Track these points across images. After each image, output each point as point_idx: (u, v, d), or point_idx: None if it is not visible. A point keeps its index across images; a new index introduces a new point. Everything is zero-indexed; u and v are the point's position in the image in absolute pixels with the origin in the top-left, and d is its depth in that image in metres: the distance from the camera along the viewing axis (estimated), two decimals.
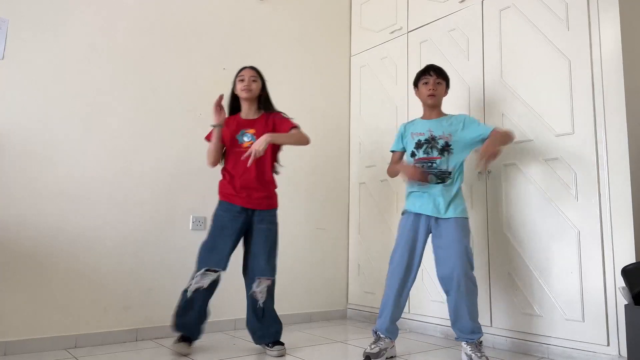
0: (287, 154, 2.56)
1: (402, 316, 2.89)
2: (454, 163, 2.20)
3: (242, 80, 2.32)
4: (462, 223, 2.15)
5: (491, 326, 2.44)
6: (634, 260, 1.98)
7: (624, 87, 2.09)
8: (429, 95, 2.28)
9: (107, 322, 2.37)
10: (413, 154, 2.27)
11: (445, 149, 2.21)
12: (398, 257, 2.18)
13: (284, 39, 3.26)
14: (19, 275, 2.17)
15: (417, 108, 2.94)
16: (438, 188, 2.17)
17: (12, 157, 2.21)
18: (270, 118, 2.33)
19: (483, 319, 2.48)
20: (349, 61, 3.59)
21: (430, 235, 2.21)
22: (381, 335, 2.16)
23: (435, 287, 2.73)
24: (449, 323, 2.64)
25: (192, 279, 2.19)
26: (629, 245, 2.02)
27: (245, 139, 2.28)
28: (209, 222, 2.74)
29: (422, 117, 2.36)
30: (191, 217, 2.70)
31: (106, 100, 2.51)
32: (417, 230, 2.19)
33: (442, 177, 2.18)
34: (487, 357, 2.03)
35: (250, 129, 2.30)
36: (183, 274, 2.62)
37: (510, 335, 2.37)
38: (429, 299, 2.77)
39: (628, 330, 1.76)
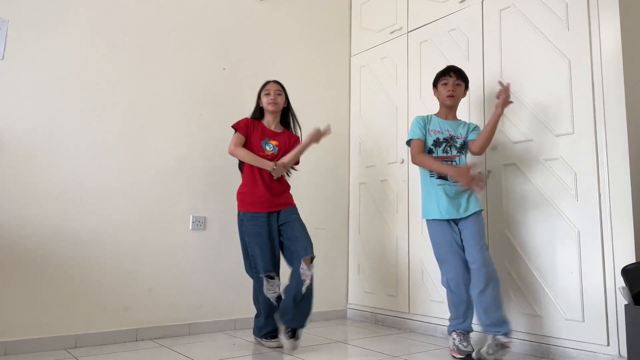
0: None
1: (402, 316, 2.91)
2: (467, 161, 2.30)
3: (267, 94, 2.47)
4: (481, 215, 2.26)
5: None
6: (634, 260, 1.98)
7: (624, 87, 2.09)
8: (448, 96, 2.31)
9: (107, 322, 2.37)
10: (430, 151, 2.31)
11: (463, 147, 2.31)
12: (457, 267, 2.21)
13: (284, 39, 3.26)
14: (19, 275, 2.17)
15: (417, 108, 2.96)
16: (459, 187, 2.22)
17: (12, 157, 2.21)
18: (292, 138, 2.54)
19: None
20: (349, 61, 3.59)
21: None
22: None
23: (436, 287, 2.73)
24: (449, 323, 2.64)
25: (261, 288, 2.33)
26: (629, 245, 2.02)
27: (268, 147, 2.45)
28: (209, 222, 2.76)
29: (437, 115, 2.39)
30: (191, 217, 2.70)
31: (106, 100, 2.51)
32: (453, 234, 2.24)
33: None
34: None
35: (273, 141, 2.48)
36: (183, 274, 2.63)
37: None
38: (429, 299, 2.77)
39: (628, 330, 1.76)
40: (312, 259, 2.30)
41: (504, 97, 2.20)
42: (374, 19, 3.41)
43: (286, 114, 2.57)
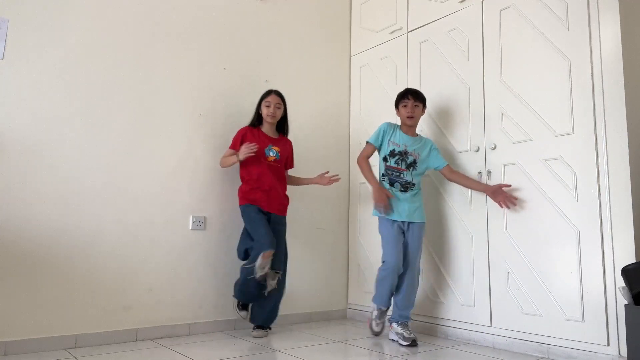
0: None
1: None
2: (417, 178, 2.60)
3: (268, 107, 2.64)
4: (423, 227, 2.62)
5: (491, 326, 2.44)
6: (634, 260, 1.98)
7: (624, 87, 2.09)
8: (408, 117, 2.60)
9: (107, 322, 2.37)
10: (385, 159, 2.61)
11: (412, 165, 2.58)
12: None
13: (284, 39, 3.26)
14: (19, 275, 2.17)
15: None
16: (406, 196, 2.55)
17: (12, 157, 2.21)
18: (287, 143, 2.77)
19: (483, 319, 2.48)
20: (349, 61, 3.59)
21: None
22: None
23: (434, 287, 2.73)
24: (449, 323, 2.65)
25: (253, 265, 2.42)
26: (629, 245, 2.02)
27: (271, 154, 2.64)
28: (209, 222, 2.76)
29: (401, 128, 2.66)
30: (191, 217, 2.70)
31: (106, 100, 2.50)
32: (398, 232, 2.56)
33: (406, 186, 2.55)
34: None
35: (275, 147, 2.67)
36: (183, 274, 2.63)
37: (510, 335, 2.37)
38: (429, 299, 2.77)
39: (628, 330, 1.76)
40: (278, 273, 2.55)
41: (502, 200, 2.41)
42: (374, 19, 3.41)
43: (282, 122, 2.76)
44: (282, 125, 2.77)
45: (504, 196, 2.39)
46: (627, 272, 1.84)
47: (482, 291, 2.50)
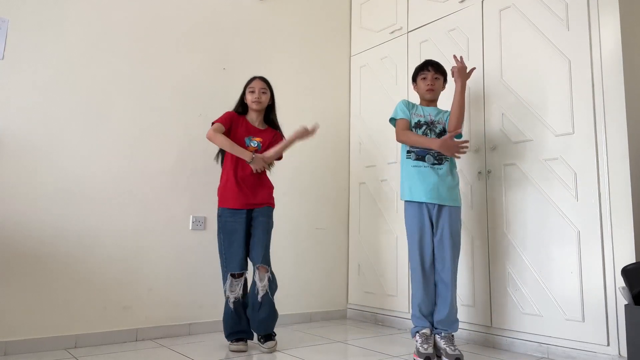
0: (287, 154, 2.56)
1: (402, 316, 2.90)
2: None
3: (252, 92, 2.43)
4: (459, 212, 2.28)
5: (491, 326, 2.44)
6: (634, 260, 1.98)
7: (624, 87, 2.09)
8: (428, 90, 2.34)
9: (107, 322, 2.37)
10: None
11: (442, 133, 2.29)
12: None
13: (284, 39, 3.26)
14: (19, 275, 2.17)
15: None
16: (443, 170, 2.24)
17: (13, 156, 2.21)
18: (275, 136, 2.49)
19: (483, 319, 2.48)
20: (349, 61, 3.59)
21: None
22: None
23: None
24: None
25: (225, 285, 2.30)
26: (629, 245, 2.02)
27: (253, 144, 2.40)
28: (209, 222, 2.75)
29: (420, 104, 2.42)
30: (191, 217, 2.70)
31: (106, 100, 2.50)
32: (424, 219, 2.23)
33: (440, 158, 2.25)
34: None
35: (257, 137, 2.43)
36: (183, 274, 2.63)
37: (510, 335, 2.37)
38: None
39: (628, 330, 1.76)
40: (266, 268, 2.27)
41: (457, 67, 2.24)
42: (374, 19, 3.41)
43: (270, 112, 2.51)
44: (270, 116, 2.51)
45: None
46: (627, 272, 1.84)
47: (482, 291, 2.50)
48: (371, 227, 3.21)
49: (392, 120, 2.38)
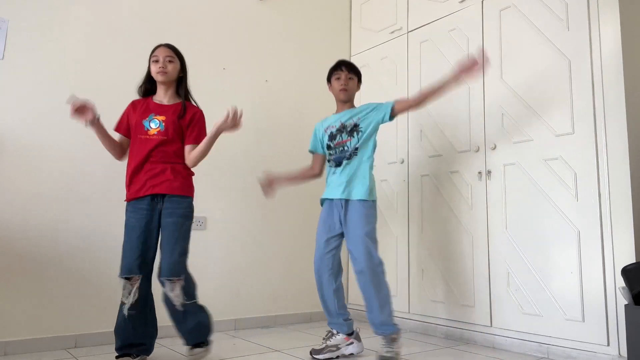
0: (287, 154, 2.57)
1: (402, 316, 2.90)
2: (367, 143, 2.26)
3: (156, 62, 2.05)
4: (367, 205, 2.23)
5: (491, 326, 2.44)
6: (634, 260, 1.98)
7: (624, 87, 2.09)
8: (341, 90, 2.31)
9: (107, 322, 2.36)
10: (329, 147, 2.33)
11: (355, 129, 2.26)
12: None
13: (284, 39, 3.26)
14: (19, 275, 2.17)
15: None
16: (350, 166, 2.24)
17: (12, 157, 2.22)
18: (189, 111, 2.09)
19: (483, 319, 2.48)
20: None
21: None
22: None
23: (435, 287, 2.73)
24: (449, 323, 2.65)
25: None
26: (629, 245, 2.02)
27: (153, 125, 2.01)
28: (208, 222, 2.75)
29: (334, 113, 2.39)
30: None
31: (106, 100, 2.50)
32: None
33: (350, 156, 2.24)
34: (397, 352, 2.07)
35: (160, 116, 2.03)
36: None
37: (510, 335, 2.37)
38: (428, 299, 2.77)
39: (628, 330, 1.76)
40: (173, 282, 1.92)
41: (468, 64, 2.10)
42: (374, 19, 3.41)
43: (185, 88, 2.13)
44: (183, 90, 2.13)
45: (468, 69, 2.10)
46: (627, 272, 1.84)
47: (482, 291, 2.50)
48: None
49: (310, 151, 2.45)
